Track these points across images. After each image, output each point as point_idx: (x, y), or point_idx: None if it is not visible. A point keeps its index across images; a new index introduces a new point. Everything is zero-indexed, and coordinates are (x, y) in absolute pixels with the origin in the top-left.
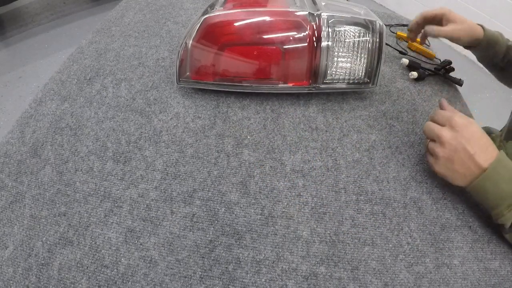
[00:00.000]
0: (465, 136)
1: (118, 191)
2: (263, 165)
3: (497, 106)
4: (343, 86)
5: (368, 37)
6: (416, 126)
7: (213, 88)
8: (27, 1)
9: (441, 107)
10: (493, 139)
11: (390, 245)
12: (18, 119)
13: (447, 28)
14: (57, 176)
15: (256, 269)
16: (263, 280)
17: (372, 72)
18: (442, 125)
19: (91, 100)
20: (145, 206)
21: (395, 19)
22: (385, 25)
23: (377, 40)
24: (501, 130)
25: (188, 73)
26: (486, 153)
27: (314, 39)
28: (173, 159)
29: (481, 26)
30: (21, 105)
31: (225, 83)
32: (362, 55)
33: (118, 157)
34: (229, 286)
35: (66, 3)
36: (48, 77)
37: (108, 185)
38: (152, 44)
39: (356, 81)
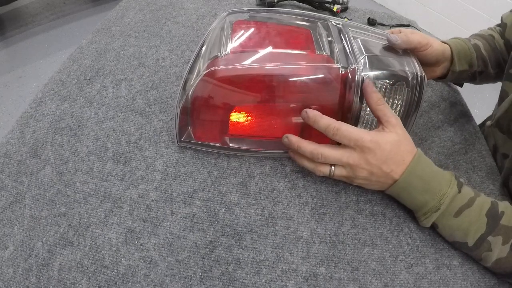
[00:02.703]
0: (380, 158)
1: (118, 192)
2: (263, 165)
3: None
4: None
5: (405, 91)
6: (416, 127)
7: (218, 152)
8: (27, 1)
9: (367, 91)
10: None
11: (390, 246)
12: (18, 119)
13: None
14: (57, 177)
15: (256, 269)
16: (263, 280)
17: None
18: (349, 146)
19: (91, 100)
20: (145, 206)
21: (395, 19)
22: (385, 25)
23: (416, 93)
24: (492, 118)
25: (189, 129)
26: (402, 166)
27: (345, 98)
28: (173, 160)
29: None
30: (21, 105)
31: (232, 145)
32: (396, 108)
33: (118, 158)
34: (229, 286)
35: (66, 3)
36: (48, 77)
37: (108, 185)
38: (152, 44)
39: None
